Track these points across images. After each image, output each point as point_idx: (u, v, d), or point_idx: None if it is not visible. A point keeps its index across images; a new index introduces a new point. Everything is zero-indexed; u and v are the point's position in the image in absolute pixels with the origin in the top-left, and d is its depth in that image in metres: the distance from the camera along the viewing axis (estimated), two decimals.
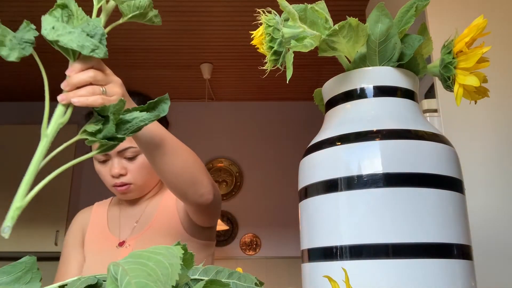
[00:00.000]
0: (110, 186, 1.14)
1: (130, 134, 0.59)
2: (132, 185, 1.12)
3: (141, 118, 0.59)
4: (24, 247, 3.42)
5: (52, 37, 0.53)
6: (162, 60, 3.54)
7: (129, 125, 0.58)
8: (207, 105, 4.21)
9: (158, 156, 0.86)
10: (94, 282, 0.44)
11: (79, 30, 0.54)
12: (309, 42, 0.54)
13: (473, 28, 0.54)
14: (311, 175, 0.55)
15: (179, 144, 0.90)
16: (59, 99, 0.59)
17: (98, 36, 0.55)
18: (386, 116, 0.54)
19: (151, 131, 0.82)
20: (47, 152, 0.54)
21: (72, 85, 0.62)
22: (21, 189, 0.51)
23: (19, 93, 4.01)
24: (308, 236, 0.54)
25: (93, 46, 0.54)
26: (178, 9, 2.88)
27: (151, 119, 0.60)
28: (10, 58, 0.52)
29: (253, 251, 4.03)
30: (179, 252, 0.41)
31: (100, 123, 0.56)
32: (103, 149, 0.58)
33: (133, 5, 0.60)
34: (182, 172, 0.90)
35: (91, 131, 0.56)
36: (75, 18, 0.56)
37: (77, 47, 0.54)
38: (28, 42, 0.53)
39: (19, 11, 2.81)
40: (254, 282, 0.50)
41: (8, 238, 0.49)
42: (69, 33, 0.54)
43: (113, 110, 0.56)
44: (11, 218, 0.50)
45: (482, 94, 0.56)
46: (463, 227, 0.51)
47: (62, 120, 0.56)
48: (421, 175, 0.49)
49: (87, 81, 0.64)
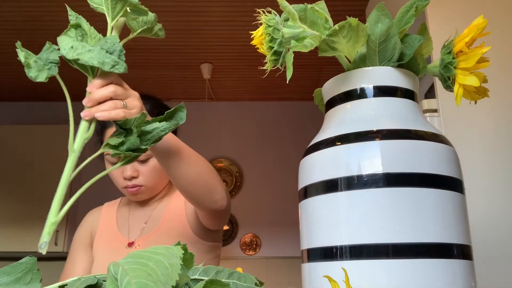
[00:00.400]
0: (121, 188, 1.17)
1: (152, 144, 0.62)
2: (143, 187, 1.15)
3: (162, 128, 0.62)
4: (24, 247, 3.42)
5: (72, 56, 0.56)
6: (162, 60, 3.54)
7: (150, 135, 0.61)
8: (207, 105, 4.20)
9: (174, 165, 0.88)
10: (94, 282, 0.44)
11: (98, 48, 0.57)
12: (309, 42, 0.54)
13: (473, 28, 0.54)
14: (311, 175, 0.55)
15: (193, 152, 0.93)
16: (83, 115, 0.61)
17: (117, 53, 0.58)
18: (386, 116, 0.54)
19: (168, 141, 0.85)
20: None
21: (94, 100, 0.64)
22: (54, 204, 0.53)
23: (19, 93, 4.00)
24: (308, 236, 0.54)
25: (113, 62, 0.57)
26: (178, 9, 2.88)
27: (171, 128, 0.63)
28: (39, 79, 0.55)
29: (253, 251, 4.03)
30: (179, 252, 0.41)
31: (122, 136, 0.59)
32: (126, 160, 0.61)
33: (142, 20, 0.64)
34: (198, 180, 0.93)
35: (114, 144, 0.58)
36: (88, 36, 0.59)
37: (98, 64, 0.56)
38: (53, 62, 0.56)
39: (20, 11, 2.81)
40: (254, 282, 0.50)
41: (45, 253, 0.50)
42: (88, 51, 0.56)
43: (136, 123, 0.59)
44: (48, 233, 0.51)
45: (482, 94, 0.56)
46: (463, 227, 0.51)
47: (87, 135, 0.59)
48: (421, 175, 0.49)
49: (108, 96, 0.66)
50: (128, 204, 1.27)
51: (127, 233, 1.19)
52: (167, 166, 0.89)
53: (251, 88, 4.06)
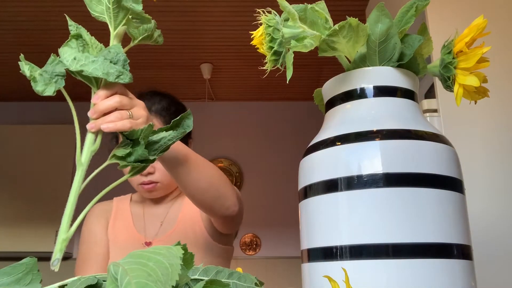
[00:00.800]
0: (136, 185, 1.16)
1: (160, 154, 0.61)
2: (159, 184, 1.14)
3: (169, 137, 0.61)
4: (24, 247, 3.42)
5: (75, 67, 0.55)
6: (162, 60, 3.54)
7: (158, 145, 0.60)
8: (207, 105, 4.20)
9: (183, 173, 0.87)
10: (94, 282, 0.44)
11: (101, 59, 0.56)
12: (309, 42, 0.54)
13: (473, 28, 0.54)
14: (311, 175, 0.55)
15: (202, 159, 0.92)
16: (88, 127, 0.61)
17: (121, 62, 0.57)
18: (386, 116, 0.54)
19: (175, 150, 0.83)
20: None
21: (99, 112, 0.63)
22: (64, 221, 0.53)
23: (19, 93, 4.00)
24: (308, 236, 0.54)
25: (118, 72, 0.56)
26: (178, 9, 2.88)
27: (178, 136, 0.62)
28: (47, 93, 0.55)
29: (253, 251, 4.03)
30: (179, 252, 0.41)
31: (129, 147, 0.58)
32: (135, 171, 0.60)
33: (142, 28, 0.62)
34: (208, 187, 0.92)
35: (121, 155, 0.58)
36: (90, 46, 0.58)
37: (103, 75, 0.56)
38: (59, 75, 0.55)
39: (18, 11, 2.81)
40: (254, 282, 0.50)
41: (57, 270, 0.50)
42: (92, 62, 0.55)
43: (143, 135, 0.58)
44: (60, 250, 0.51)
45: (482, 94, 0.56)
46: (463, 227, 0.51)
47: (94, 148, 0.58)
48: (421, 175, 0.49)
49: (113, 107, 0.65)
50: (141, 201, 1.25)
51: (144, 231, 1.18)
52: (175, 175, 0.88)
53: (251, 88, 4.06)
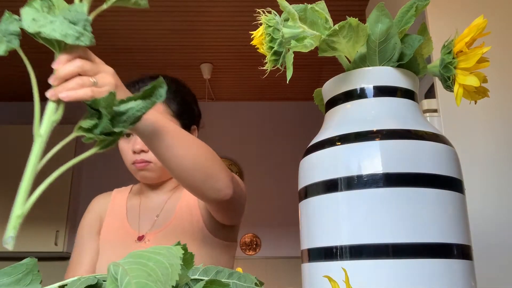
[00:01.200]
0: (129, 164, 1.11)
1: (130, 126, 0.55)
2: (152, 164, 1.08)
3: (137, 107, 0.55)
4: (24, 247, 3.41)
5: (34, 29, 0.50)
6: (162, 60, 3.54)
7: (125, 116, 0.54)
8: (207, 105, 4.20)
9: (161, 147, 0.79)
10: (94, 282, 0.44)
11: (60, 19, 0.50)
12: (309, 42, 0.54)
13: (473, 28, 0.54)
14: (311, 175, 0.55)
15: (186, 135, 0.84)
16: (48, 95, 0.56)
17: (81, 23, 0.51)
18: (386, 116, 0.54)
19: (152, 123, 0.75)
20: (45, 154, 0.50)
21: (59, 78, 0.58)
22: (19, 196, 0.47)
23: (19, 93, 4.00)
24: (308, 236, 0.54)
25: (77, 33, 0.50)
26: (178, 9, 2.88)
27: (148, 107, 0.56)
28: None
29: (253, 251, 4.03)
30: (179, 252, 0.41)
31: (96, 117, 0.53)
32: (102, 145, 0.54)
33: None
34: (193, 166, 0.82)
35: (87, 127, 0.52)
36: (55, 8, 0.53)
37: (60, 37, 0.50)
38: (13, 34, 0.50)
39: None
40: (254, 282, 0.50)
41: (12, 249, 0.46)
42: (50, 23, 0.50)
43: (104, 104, 0.51)
44: (13, 228, 0.47)
45: (482, 94, 0.56)
46: (463, 227, 0.51)
47: (55, 117, 0.53)
48: (421, 175, 0.49)
49: (74, 72, 0.59)
50: (139, 193, 1.20)
51: (137, 225, 1.13)
52: (154, 150, 0.79)
53: (251, 88, 4.06)
